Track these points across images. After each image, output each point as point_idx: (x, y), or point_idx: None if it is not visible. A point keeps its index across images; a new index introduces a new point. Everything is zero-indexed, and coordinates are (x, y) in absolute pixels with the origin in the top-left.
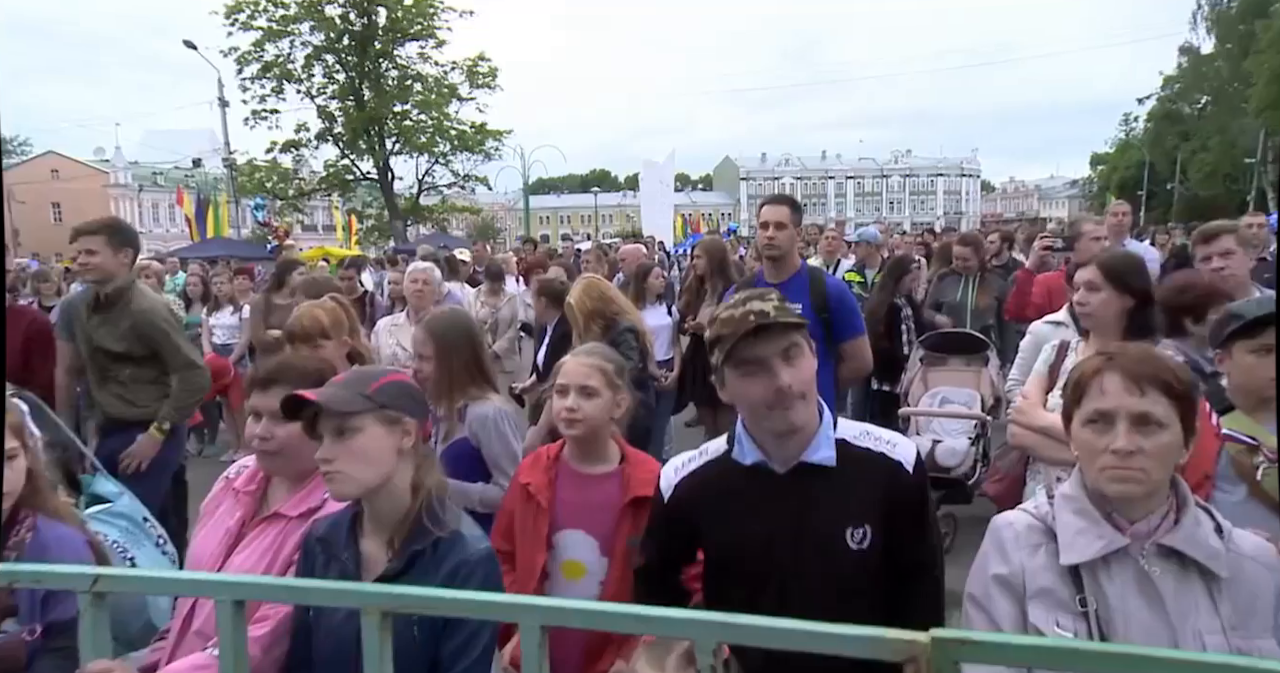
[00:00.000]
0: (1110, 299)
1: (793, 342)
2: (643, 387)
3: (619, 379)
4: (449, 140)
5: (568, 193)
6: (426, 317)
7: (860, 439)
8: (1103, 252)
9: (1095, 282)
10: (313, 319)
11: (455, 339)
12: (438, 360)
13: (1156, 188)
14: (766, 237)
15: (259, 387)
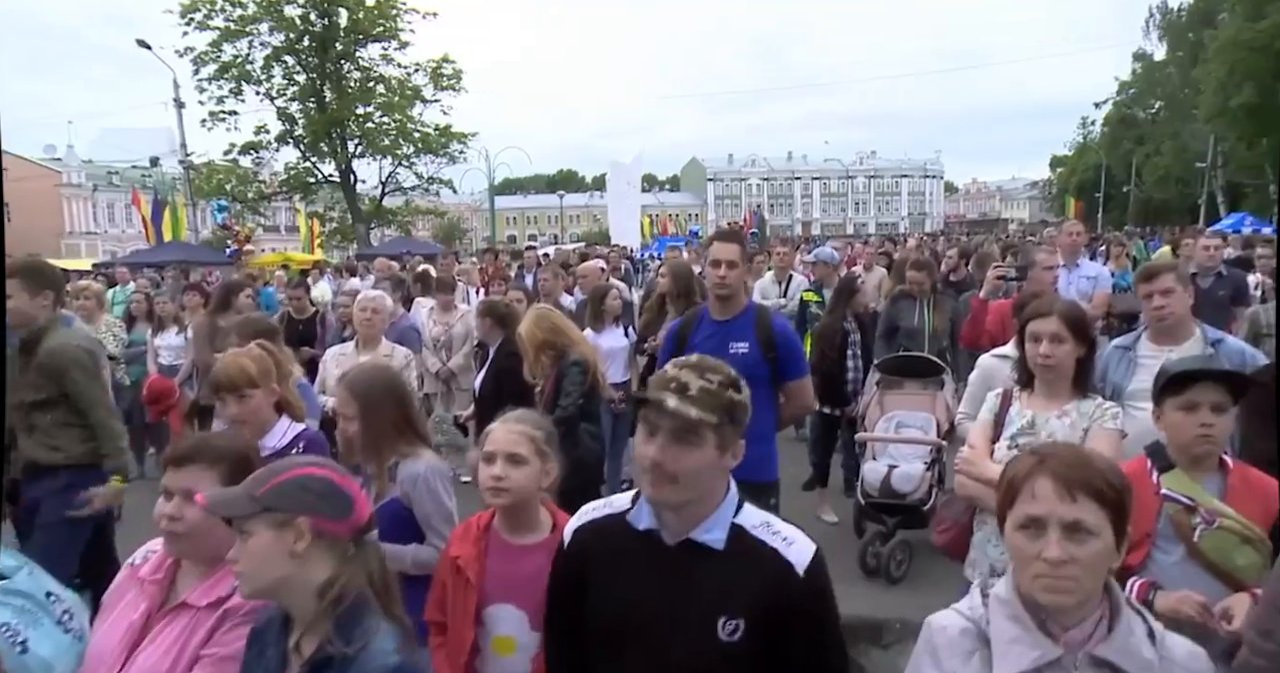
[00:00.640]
0: (1072, 350)
1: (691, 429)
2: (590, 418)
3: (548, 447)
4: (412, 143)
5: (534, 193)
6: (348, 374)
7: (758, 530)
8: (1060, 302)
9: (1061, 334)
10: (239, 369)
11: (379, 396)
12: (362, 420)
13: (1113, 190)
14: (718, 275)
15: (172, 464)
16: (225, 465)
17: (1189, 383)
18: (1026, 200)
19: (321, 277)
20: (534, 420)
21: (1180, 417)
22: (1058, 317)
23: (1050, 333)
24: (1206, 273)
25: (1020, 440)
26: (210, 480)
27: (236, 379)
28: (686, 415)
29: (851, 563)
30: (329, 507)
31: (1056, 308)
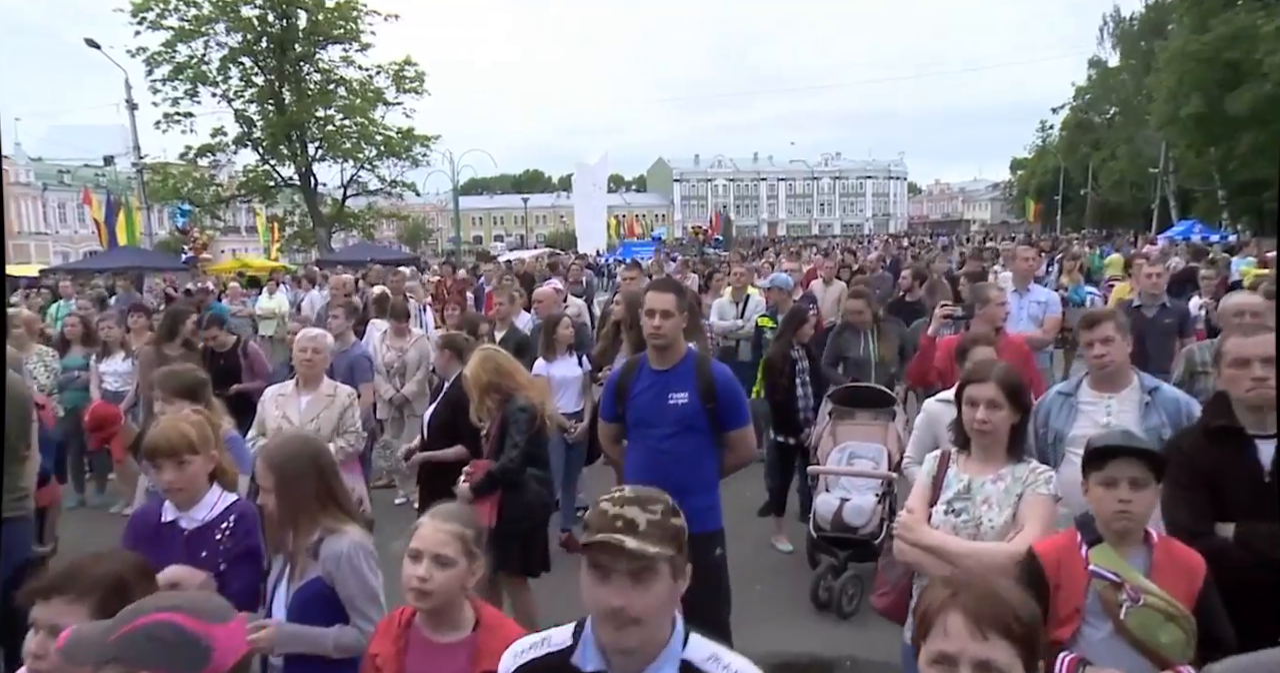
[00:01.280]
0: (1008, 416)
1: (647, 566)
2: (538, 462)
3: (476, 546)
4: (374, 146)
5: (500, 194)
6: (267, 445)
7: (706, 664)
8: (998, 368)
9: (997, 400)
10: (180, 435)
11: (298, 468)
12: (279, 494)
13: (1071, 193)
14: (653, 325)
15: (39, 596)
16: (97, 597)
17: (1109, 458)
18: (988, 201)
19: (278, 287)
20: (464, 518)
21: (1101, 492)
22: (995, 382)
23: (987, 399)
24: (1151, 302)
25: (956, 505)
26: (80, 615)
27: (177, 445)
28: (646, 554)
29: (804, 597)
30: (178, 660)
31: (994, 374)
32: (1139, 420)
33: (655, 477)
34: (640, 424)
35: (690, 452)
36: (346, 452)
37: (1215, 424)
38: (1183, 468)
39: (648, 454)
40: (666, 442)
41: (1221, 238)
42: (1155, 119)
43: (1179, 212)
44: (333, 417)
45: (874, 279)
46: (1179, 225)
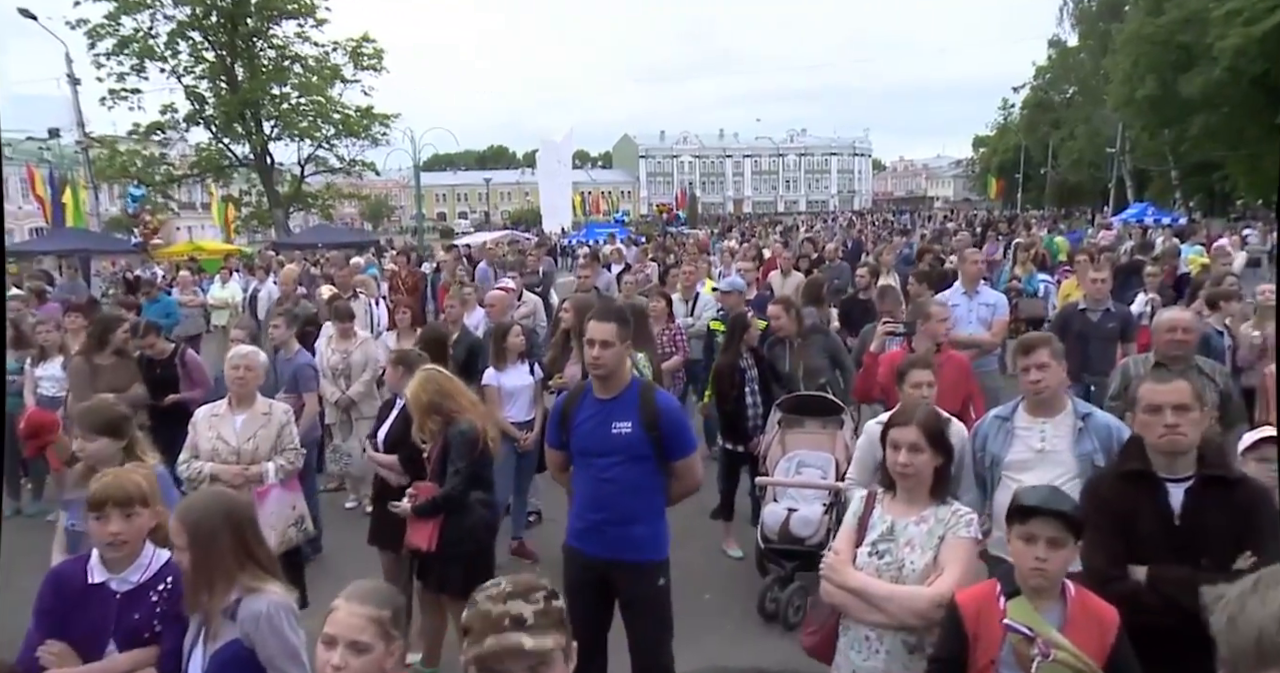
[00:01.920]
0: (930, 460)
1: (545, 660)
2: (481, 484)
3: (395, 629)
4: (332, 125)
5: (464, 169)
6: (183, 501)
7: None
8: (920, 411)
9: (919, 444)
10: (134, 485)
11: (213, 526)
12: (193, 551)
13: (1032, 171)
14: (593, 355)
15: None
16: None
17: (1031, 515)
18: (951, 179)
19: (231, 276)
20: (381, 598)
21: (1020, 546)
22: (917, 427)
23: (909, 443)
24: (1096, 306)
25: (880, 547)
26: None
27: (131, 494)
28: (544, 649)
29: (751, 606)
30: None
31: (916, 418)
32: (1072, 446)
33: (601, 506)
34: (585, 453)
35: (635, 481)
36: (286, 470)
37: (1129, 468)
38: (1099, 511)
39: (592, 484)
40: (611, 471)
41: (1173, 220)
42: (1112, 100)
43: (1135, 191)
44: (270, 435)
45: (832, 269)
46: (1133, 208)
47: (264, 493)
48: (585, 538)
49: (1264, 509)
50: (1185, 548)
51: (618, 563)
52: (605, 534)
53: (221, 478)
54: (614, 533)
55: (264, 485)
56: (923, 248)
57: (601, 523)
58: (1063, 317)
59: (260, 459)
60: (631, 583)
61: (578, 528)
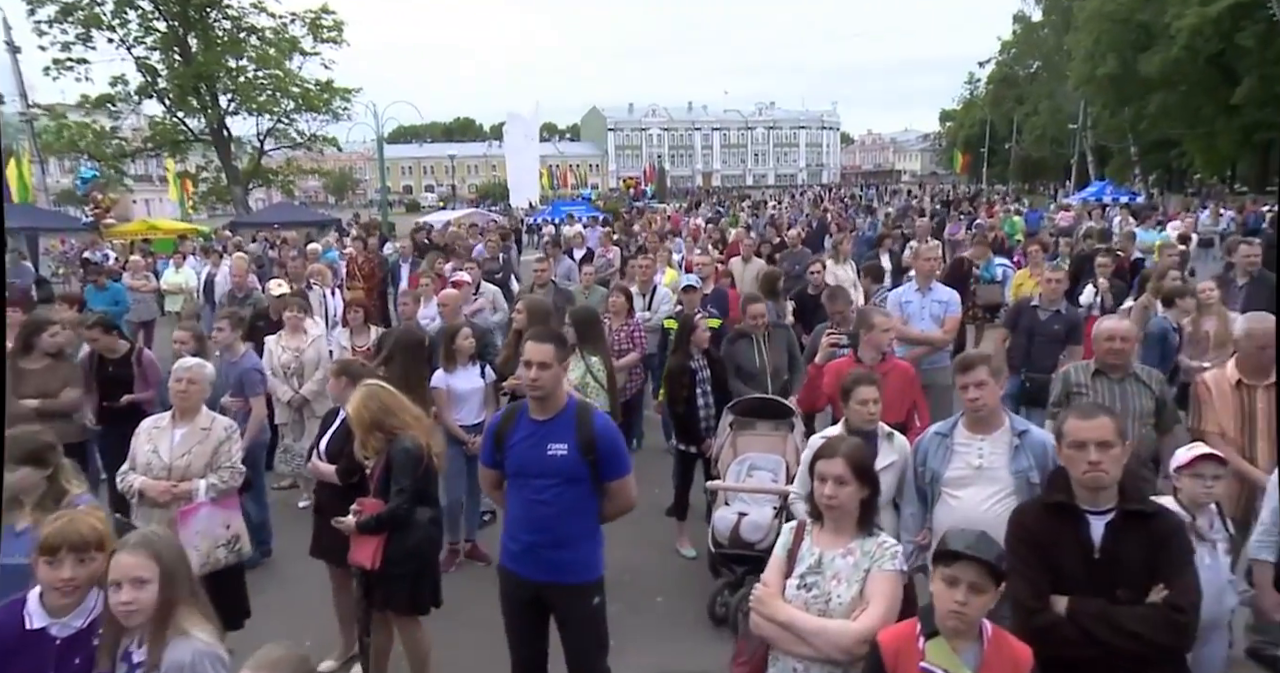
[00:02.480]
0: (855, 492)
1: None
2: (427, 500)
3: None
4: (292, 99)
5: (430, 142)
6: (147, 536)
7: None
8: (846, 444)
9: (844, 477)
10: (92, 529)
11: (177, 564)
12: (164, 589)
13: (997, 146)
14: (531, 377)
15: None
16: None
17: (955, 558)
18: (919, 152)
19: (184, 260)
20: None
21: (942, 588)
22: (842, 459)
23: (835, 475)
24: (1048, 306)
25: (808, 579)
26: None
27: (88, 538)
28: None
29: (702, 610)
30: None
31: (842, 450)
32: (1008, 463)
33: (534, 528)
34: (519, 474)
35: (569, 503)
36: (219, 488)
37: (1052, 500)
38: (1022, 542)
39: (526, 505)
40: (545, 493)
41: (1131, 198)
42: (1073, 78)
43: (1096, 167)
44: (205, 452)
45: (793, 255)
46: (1093, 186)
47: (190, 511)
48: (519, 560)
49: (1177, 542)
50: (1104, 580)
51: (552, 585)
52: (539, 557)
53: (148, 494)
54: (547, 556)
55: (192, 504)
56: (883, 233)
57: (535, 545)
58: (1016, 309)
59: (192, 476)
60: (566, 604)
61: (511, 550)
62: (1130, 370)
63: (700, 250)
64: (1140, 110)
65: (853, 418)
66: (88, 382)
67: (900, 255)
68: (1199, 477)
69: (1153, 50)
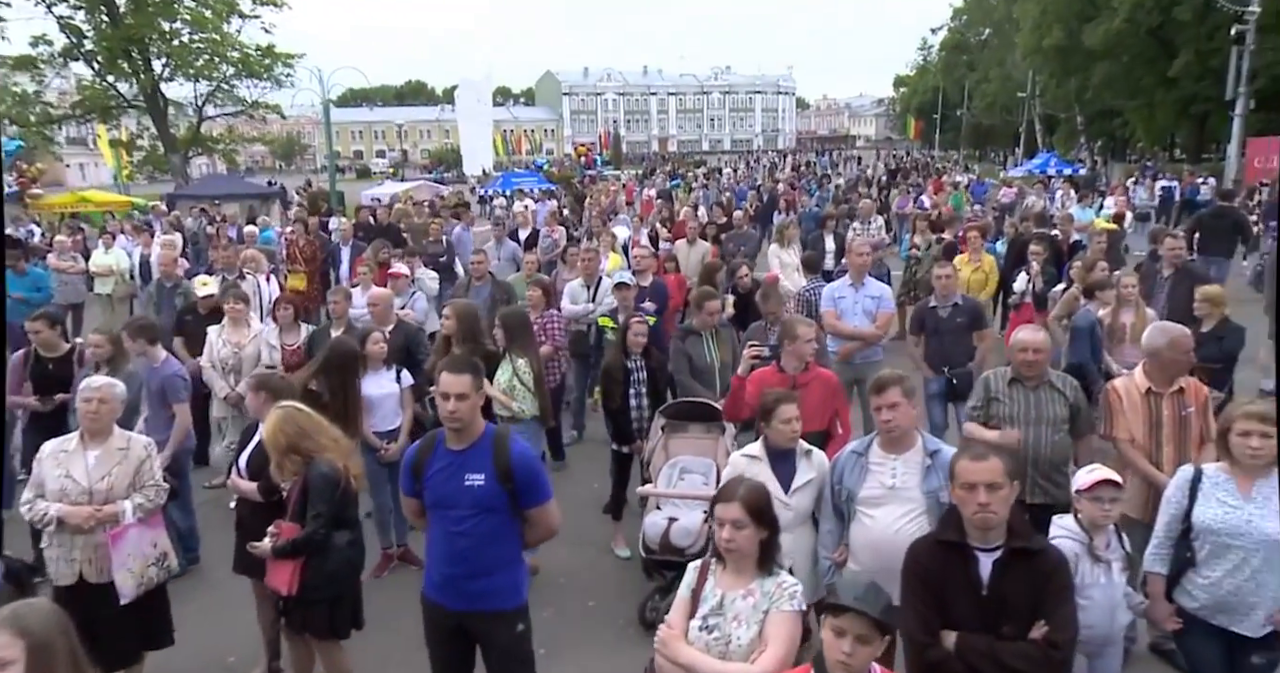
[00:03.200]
0: (753, 534)
1: None
2: (346, 524)
3: None
4: (231, 64)
5: (381, 105)
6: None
7: None
8: (743, 487)
9: (741, 520)
10: None
11: (50, 639)
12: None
13: (949, 112)
14: (449, 409)
15: None
16: None
17: (843, 611)
18: (874, 117)
19: (114, 240)
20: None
21: (830, 637)
22: (739, 503)
23: (732, 519)
24: (944, 303)
25: (710, 621)
26: None
27: None
28: None
29: (632, 614)
30: None
31: (739, 494)
32: (920, 482)
33: (455, 560)
34: (437, 505)
35: (489, 533)
36: (146, 508)
37: (945, 537)
38: (916, 578)
39: (446, 537)
40: (464, 523)
41: (1074, 170)
42: (1021, 48)
43: (1044, 135)
44: (128, 472)
45: (739, 237)
46: (1038, 158)
47: (119, 534)
48: (441, 591)
49: (1058, 580)
50: (991, 616)
51: (475, 614)
52: (461, 588)
53: (69, 521)
54: (470, 586)
55: (120, 526)
56: (827, 214)
57: (457, 577)
58: (918, 315)
59: (116, 498)
60: (490, 632)
61: (434, 581)
62: (1045, 378)
63: (648, 228)
64: (1085, 81)
65: (775, 437)
66: (20, 380)
67: (844, 237)
68: (1098, 500)
69: (1096, 22)
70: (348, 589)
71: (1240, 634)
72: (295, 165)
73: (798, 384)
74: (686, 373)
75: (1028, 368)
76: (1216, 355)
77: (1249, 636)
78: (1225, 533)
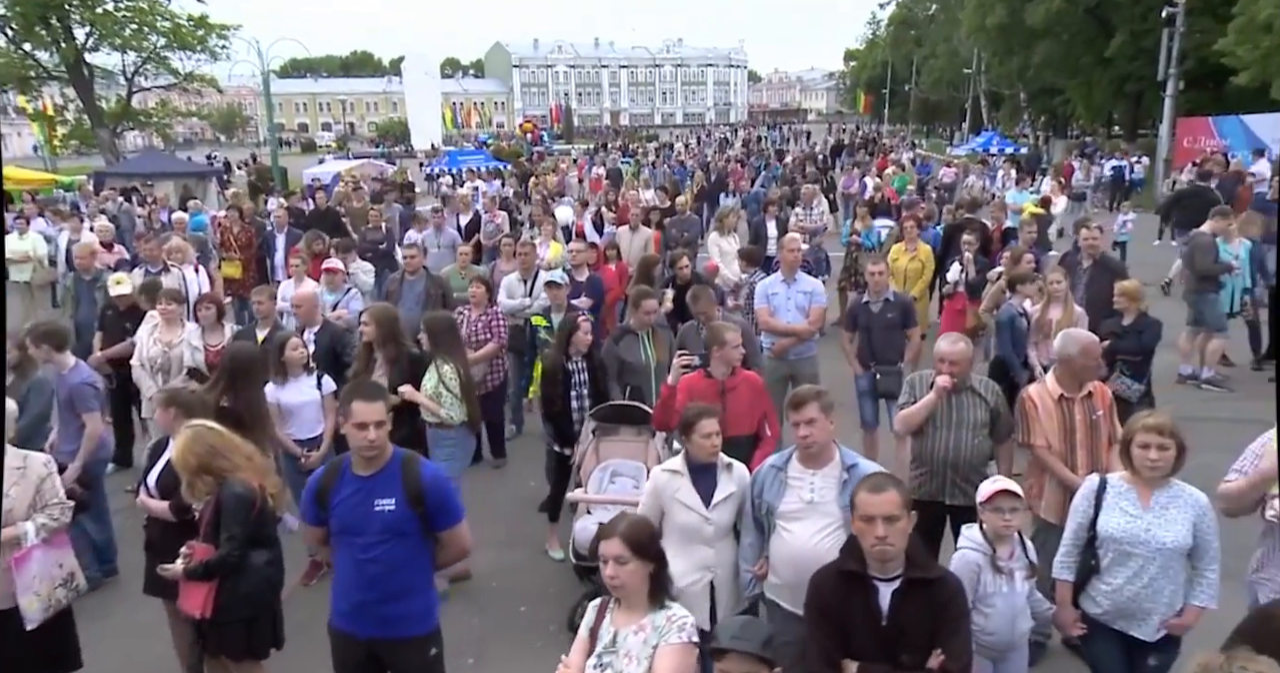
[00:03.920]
0: (638, 569)
1: None
2: (264, 542)
3: None
4: (161, 34)
5: (326, 76)
6: None
7: None
8: (624, 523)
9: (624, 556)
10: None
11: None
12: None
13: (898, 88)
14: (369, 439)
15: None
16: None
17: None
18: (825, 91)
19: (28, 225)
20: None
21: None
22: (619, 538)
23: (614, 555)
24: (876, 299)
25: (604, 659)
26: None
27: None
28: None
29: (564, 618)
30: None
31: (619, 530)
32: (837, 497)
33: (364, 586)
34: (345, 532)
35: (399, 559)
36: (50, 527)
37: (846, 568)
38: (817, 609)
39: (354, 565)
40: (374, 550)
41: (1015, 149)
42: (965, 26)
43: (989, 111)
44: (27, 492)
45: (681, 222)
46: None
47: (23, 558)
48: (350, 619)
49: (953, 608)
50: (890, 646)
51: (387, 641)
52: (371, 614)
53: None
54: (380, 612)
55: (23, 549)
56: (769, 199)
57: (367, 603)
58: (851, 312)
59: (16, 520)
60: (402, 659)
61: (342, 609)
62: (967, 384)
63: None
64: (1027, 59)
65: (695, 452)
66: None
67: (786, 222)
68: (998, 511)
69: (1037, 1)
70: (266, 609)
71: (1138, 638)
72: (237, 138)
73: (726, 389)
74: (614, 377)
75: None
76: (1136, 348)
77: (1146, 640)
78: (1126, 542)
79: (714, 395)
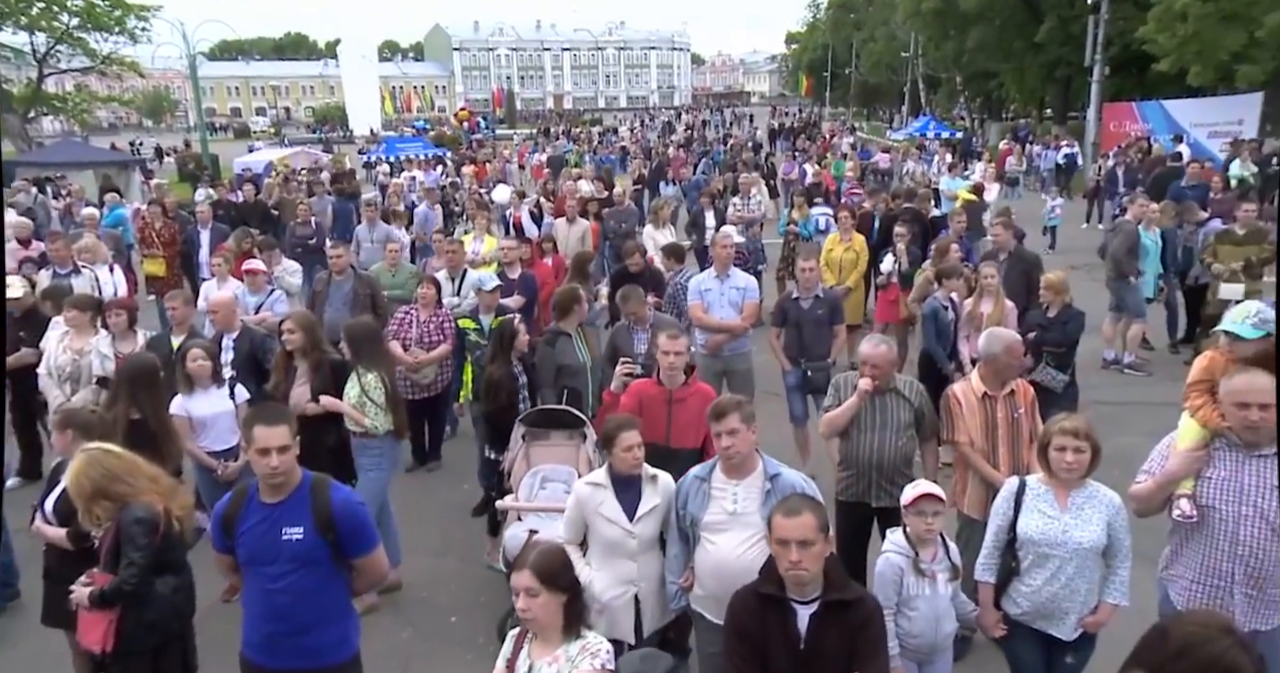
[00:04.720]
0: (549, 601)
1: None
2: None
3: None
4: (73, 14)
5: (259, 59)
6: None
7: None
8: (534, 554)
9: (534, 588)
10: None
11: None
12: None
13: (838, 71)
14: (273, 466)
15: None
16: None
17: None
18: (768, 74)
19: None
20: None
21: None
22: (529, 570)
23: (525, 587)
24: (806, 294)
25: None
26: None
27: None
28: None
29: (494, 629)
30: None
31: (529, 561)
32: (760, 508)
33: (274, 617)
34: (252, 562)
35: (309, 588)
36: None
37: (764, 590)
38: (736, 633)
39: (264, 596)
40: (283, 580)
41: (951, 134)
42: (901, 11)
43: (926, 95)
44: None
45: (619, 213)
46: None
47: None
48: (262, 650)
49: (871, 629)
50: (808, 669)
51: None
52: (283, 645)
53: None
54: (292, 644)
55: None
56: (707, 190)
57: (278, 634)
58: (780, 307)
59: None
60: None
61: (253, 640)
62: (891, 385)
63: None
64: (961, 43)
65: (618, 465)
66: None
67: (724, 212)
68: (921, 514)
69: None
70: (175, 638)
71: (1056, 637)
72: (166, 123)
73: (674, 399)
74: (552, 384)
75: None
76: (1060, 340)
77: (1063, 639)
78: (1044, 543)
79: (661, 404)
